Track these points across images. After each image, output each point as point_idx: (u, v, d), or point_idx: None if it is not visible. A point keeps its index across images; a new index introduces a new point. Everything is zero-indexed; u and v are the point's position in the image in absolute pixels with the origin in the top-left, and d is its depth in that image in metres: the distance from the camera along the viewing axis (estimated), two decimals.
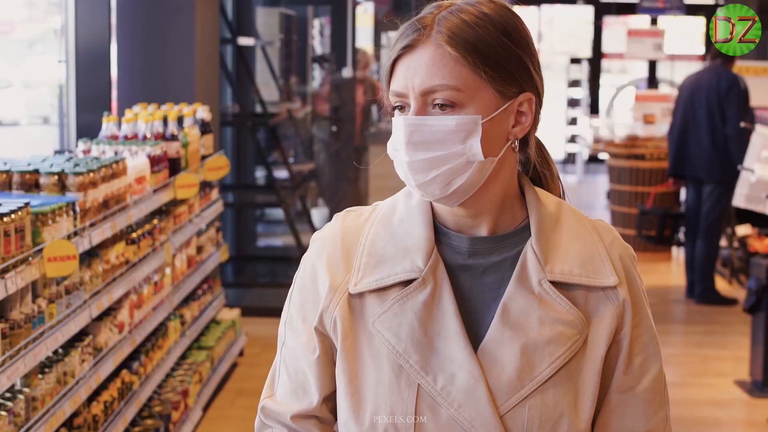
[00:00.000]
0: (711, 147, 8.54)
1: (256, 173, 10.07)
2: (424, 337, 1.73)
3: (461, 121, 1.69)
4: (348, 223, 1.84)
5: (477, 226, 1.78)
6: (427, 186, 1.72)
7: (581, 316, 1.75)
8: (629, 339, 1.77)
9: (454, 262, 1.78)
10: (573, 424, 1.73)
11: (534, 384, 1.72)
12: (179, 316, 5.66)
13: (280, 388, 1.84)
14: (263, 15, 10.51)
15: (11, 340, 3.43)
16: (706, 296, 8.74)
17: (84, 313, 4.09)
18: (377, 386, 1.74)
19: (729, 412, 6.25)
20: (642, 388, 1.79)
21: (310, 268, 1.83)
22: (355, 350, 1.76)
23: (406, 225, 1.80)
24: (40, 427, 3.63)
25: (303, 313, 1.82)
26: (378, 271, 1.77)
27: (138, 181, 4.82)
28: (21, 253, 3.47)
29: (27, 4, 8.56)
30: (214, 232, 6.56)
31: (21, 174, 4.08)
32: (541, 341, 1.73)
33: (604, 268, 1.77)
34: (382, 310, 1.75)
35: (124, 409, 4.61)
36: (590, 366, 1.75)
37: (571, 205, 1.86)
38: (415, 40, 1.72)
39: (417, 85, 1.71)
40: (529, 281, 1.75)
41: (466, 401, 1.71)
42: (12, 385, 3.61)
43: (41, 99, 9.59)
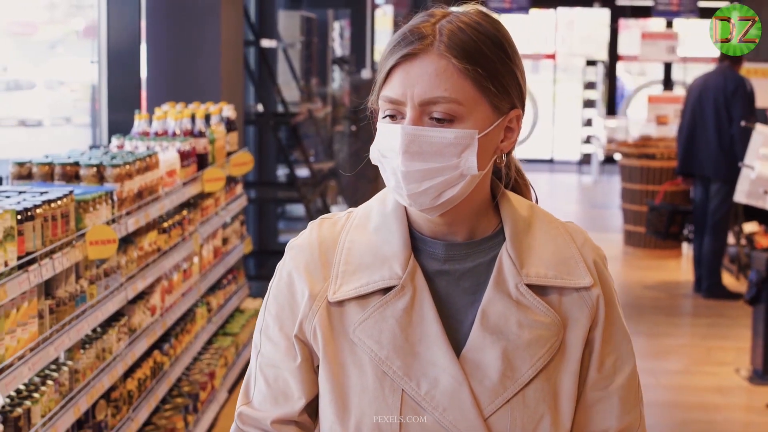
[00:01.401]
0: (717, 146, 8.82)
1: (278, 171, 10.38)
2: (405, 343, 1.75)
3: (459, 135, 1.70)
4: (324, 231, 1.85)
5: (453, 232, 1.80)
6: (418, 197, 1.73)
7: (558, 317, 1.77)
8: (601, 338, 1.80)
9: (430, 267, 1.79)
10: (554, 424, 1.76)
11: (516, 386, 1.74)
12: (206, 303, 5.98)
13: (257, 395, 1.85)
14: (285, 18, 10.81)
15: (57, 315, 3.76)
16: (713, 291, 9.02)
17: (120, 295, 4.41)
18: (361, 393, 1.76)
19: (729, 398, 6.53)
20: (616, 386, 1.82)
21: (286, 276, 1.84)
22: (338, 358, 1.78)
23: (382, 232, 1.81)
24: (82, 397, 3.95)
25: (280, 321, 1.83)
26: (356, 279, 1.78)
27: (169, 174, 5.14)
28: (66, 237, 3.79)
29: (48, 6, 8.73)
30: (238, 225, 6.88)
31: (62, 166, 4.39)
32: (521, 344, 1.75)
33: (578, 269, 1.80)
34: (363, 318, 1.76)
35: (155, 386, 4.92)
36: (568, 366, 1.78)
37: (542, 208, 1.88)
38: (417, 49, 1.71)
39: (417, 94, 1.70)
40: (506, 286, 1.77)
41: (450, 405, 1.73)
42: (57, 358, 3.93)
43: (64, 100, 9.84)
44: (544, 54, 20.71)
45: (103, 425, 4.25)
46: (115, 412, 4.40)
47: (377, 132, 1.76)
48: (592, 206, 14.79)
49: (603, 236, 11.51)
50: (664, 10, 15.88)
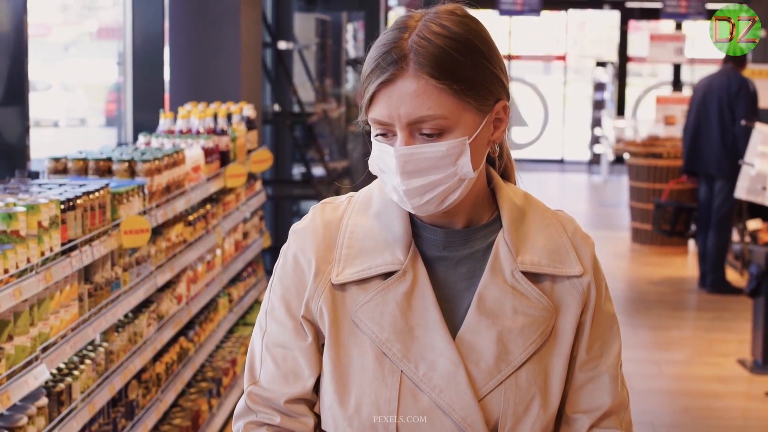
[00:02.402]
0: (721, 145, 9.08)
1: (293, 170, 10.65)
2: (405, 326, 1.81)
3: (451, 146, 1.75)
4: (327, 215, 1.90)
5: (452, 221, 1.86)
6: (422, 207, 1.79)
7: (550, 304, 1.84)
8: (591, 321, 1.88)
9: (429, 253, 1.86)
10: (544, 405, 1.82)
11: (510, 369, 1.81)
12: (227, 294, 6.26)
13: (265, 374, 1.88)
14: (300, 20, 11.07)
15: (95, 299, 4.04)
16: (717, 286, 9.29)
17: (150, 283, 4.68)
18: (361, 373, 1.81)
19: (730, 386, 6.79)
20: (606, 366, 1.89)
21: (291, 259, 1.89)
22: (340, 338, 1.83)
23: (383, 218, 1.86)
24: (116, 376, 4.23)
25: (286, 302, 1.88)
26: (359, 263, 1.84)
27: (194, 170, 5.42)
28: (102, 226, 4.07)
29: (61, 8, 8.88)
30: (257, 220, 7.16)
31: (96, 161, 4.67)
32: (515, 328, 1.81)
33: (569, 257, 1.87)
34: (365, 301, 1.82)
35: (182, 371, 5.20)
36: (559, 351, 1.85)
37: (535, 198, 1.94)
38: (393, 74, 1.74)
39: (403, 115, 1.74)
40: (502, 272, 1.83)
41: (447, 386, 1.79)
42: (93, 340, 4.22)
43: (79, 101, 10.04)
44: (554, 55, 20.96)
45: (134, 404, 4.53)
46: (146, 393, 4.68)
47: (373, 146, 1.81)
48: (602, 205, 15.03)
49: (611, 234, 11.77)
50: (672, 12, 16.09)
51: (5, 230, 3.28)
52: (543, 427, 1.83)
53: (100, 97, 9.59)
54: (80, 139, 8.74)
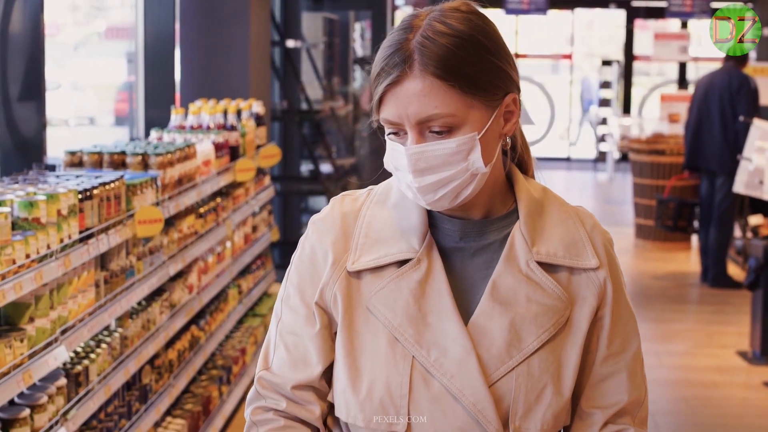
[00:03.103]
0: (723, 141, 9.23)
1: (301, 167, 10.81)
2: (418, 313, 1.83)
3: (461, 142, 1.77)
4: (345, 207, 1.93)
5: (469, 213, 1.89)
6: (437, 203, 1.82)
7: (565, 295, 1.85)
8: (610, 317, 1.89)
9: (446, 244, 1.88)
10: (555, 394, 1.84)
11: (521, 356, 1.82)
12: (237, 285, 6.43)
13: (277, 360, 1.91)
14: (308, 19, 11.22)
15: (110, 286, 4.21)
16: (719, 280, 9.43)
17: (163, 272, 4.85)
18: (374, 358, 1.84)
19: (728, 377, 6.94)
20: (625, 362, 1.91)
21: (309, 249, 1.92)
22: (353, 324, 1.86)
23: (401, 209, 1.89)
24: (131, 361, 4.40)
25: (301, 291, 1.91)
26: (375, 251, 1.87)
27: (205, 164, 5.59)
28: (117, 216, 4.24)
29: (70, 8, 8.97)
30: (266, 214, 7.33)
31: (110, 154, 4.84)
32: (528, 317, 1.83)
33: (586, 251, 1.88)
34: (379, 287, 1.85)
35: (193, 358, 5.37)
36: (573, 342, 1.86)
37: (554, 192, 1.96)
38: (399, 76, 1.77)
39: (411, 115, 1.77)
40: (517, 261, 1.85)
41: (458, 372, 1.80)
42: (108, 325, 4.39)
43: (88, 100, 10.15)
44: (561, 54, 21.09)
45: (148, 388, 4.69)
46: (158, 378, 4.84)
47: (387, 146, 1.84)
48: (607, 202, 15.17)
49: (616, 230, 11.91)
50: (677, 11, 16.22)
51: (27, 218, 3.45)
52: (555, 416, 1.84)
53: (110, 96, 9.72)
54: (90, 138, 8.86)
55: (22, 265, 3.35)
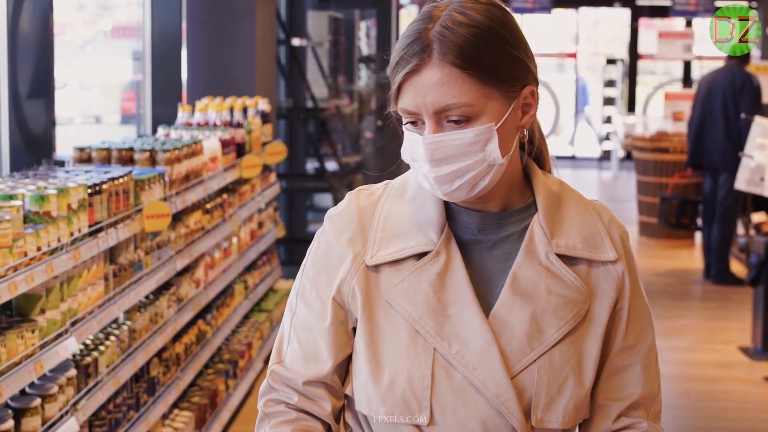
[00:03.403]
0: (726, 139, 9.29)
1: (307, 164, 10.88)
2: (438, 305, 1.83)
3: (478, 132, 1.77)
4: (362, 201, 1.93)
5: (487, 205, 1.89)
6: (453, 193, 1.82)
7: (585, 287, 1.86)
8: (627, 310, 1.90)
9: (464, 236, 1.89)
10: (576, 386, 1.84)
11: (543, 348, 1.83)
12: (243, 281, 6.50)
13: (290, 355, 1.92)
14: (313, 18, 11.29)
15: (119, 279, 4.28)
16: (721, 277, 9.50)
17: (170, 266, 4.92)
18: (395, 351, 1.84)
19: (729, 371, 7.01)
20: (640, 355, 1.91)
21: (325, 243, 1.93)
22: (373, 318, 1.86)
23: (418, 202, 1.90)
24: (139, 353, 4.47)
25: (317, 285, 1.91)
26: (393, 245, 1.87)
27: (212, 161, 5.66)
28: (126, 210, 4.32)
29: (77, 7, 9.06)
30: (272, 210, 7.41)
31: (119, 151, 4.92)
32: (548, 308, 1.84)
33: (604, 244, 1.89)
34: (398, 281, 1.85)
35: (200, 352, 5.44)
36: (593, 334, 1.87)
37: (570, 186, 1.97)
38: (418, 65, 1.77)
39: (429, 104, 1.77)
40: (537, 253, 1.86)
41: (480, 364, 1.81)
42: (117, 318, 4.46)
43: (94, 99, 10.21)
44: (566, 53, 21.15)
45: (156, 381, 4.77)
46: (166, 371, 4.92)
47: (404, 135, 1.85)
48: (611, 200, 15.23)
49: None
50: (682, 10, 16.27)
51: (38, 211, 3.53)
52: (576, 408, 1.85)
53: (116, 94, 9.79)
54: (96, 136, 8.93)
55: (33, 258, 3.43)
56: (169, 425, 4.95)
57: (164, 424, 4.94)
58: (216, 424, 5.48)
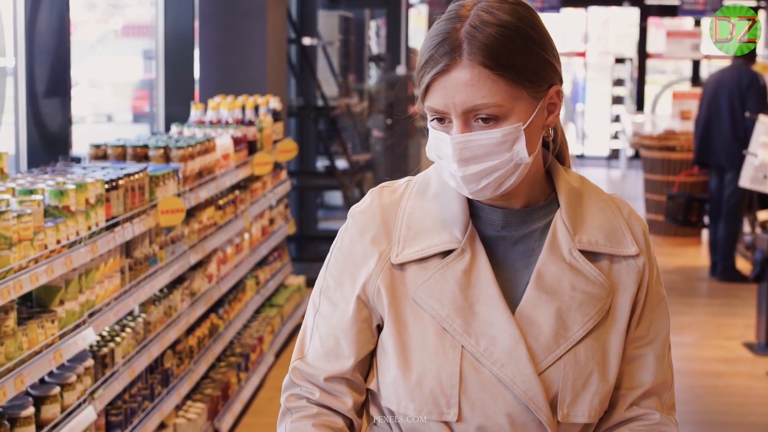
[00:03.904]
0: (732, 137, 9.39)
1: (317, 163, 10.99)
2: (465, 303, 1.85)
3: (506, 132, 1.78)
4: (384, 199, 1.94)
5: (510, 202, 1.90)
6: (479, 192, 1.83)
7: (608, 282, 1.88)
8: (644, 301, 1.92)
9: (488, 233, 1.90)
10: (602, 381, 1.87)
11: (568, 344, 1.85)
12: (254, 276, 6.62)
13: (312, 351, 1.94)
14: (324, 17, 11.39)
15: (134, 273, 4.40)
16: (727, 274, 9.60)
17: (184, 261, 5.04)
18: (423, 349, 1.85)
19: (733, 367, 7.10)
20: (652, 345, 1.93)
21: (348, 241, 1.94)
22: (400, 316, 1.88)
23: (441, 199, 1.91)
24: (154, 345, 4.59)
25: (341, 283, 1.93)
26: (417, 243, 1.88)
27: (224, 158, 5.78)
28: (142, 206, 4.43)
29: (88, 6, 9.09)
30: (283, 207, 7.52)
31: (133, 148, 5.04)
32: (573, 305, 1.86)
33: (626, 238, 1.90)
34: (424, 279, 1.87)
35: (212, 345, 5.56)
36: (616, 328, 1.89)
37: (590, 181, 1.98)
38: (448, 65, 1.78)
39: (458, 103, 1.78)
40: (560, 250, 1.87)
41: (508, 361, 1.82)
42: (132, 310, 4.58)
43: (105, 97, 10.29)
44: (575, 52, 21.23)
45: (169, 372, 4.89)
46: (179, 363, 5.04)
47: (430, 134, 1.85)
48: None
49: None
50: (690, 9, 16.34)
51: (57, 206, 3.64)
52: (601, 402, 1.87)
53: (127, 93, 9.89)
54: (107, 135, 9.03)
55: (53, 251, 3.54)
56: (183, 416, 5.07)
57: (178, 415, 5.05)
58: (228, 415, 5.60)
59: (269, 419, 5.91)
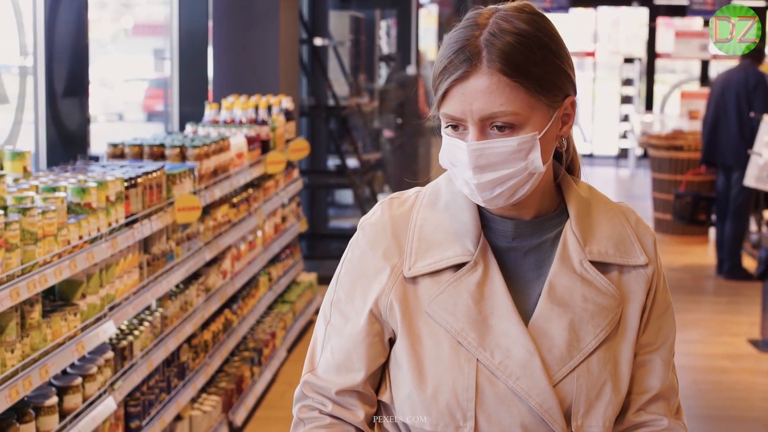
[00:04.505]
0: (739, 137, 9.49)
1: (328, 162, 11.11)
2: (479, 316, 1.85)
3: (522, 141, 1.79)
4: (395, 210, 1.94)
5: (520, 213, 1.90)
6: (492, 200, 1.83)
7: (618, 292, 1.89)
8: (651, 308, 1.93)
9: (499, 244, 1.90)
10: (614, 391, 1.87)
11: (581, 355, 1.85)
12: (267, 273, 6.74)
13: (323, 364, 1.94)
14: (335, 17, 11.49)
15: (152, 268, 4.53)
16: (733, 272, 9.70)
17: (199, 257, 5.17)
18: (437, 362, 1.85)
19: (738, 363, 7.21)
20: (659, 351, 1.95)
21: (359, 253, 1.93)
22: (414, 330, 1.87)
23: (452, 210, 1.90)
24: (170, 339, 4.72)
25: (352, 296, 1.92)
26: (430, 256, 1.88)
27: (238, 156, 5.91)
28: (159, 203, 4.56)
29: (98, 5, 9.16)
30: (295, 205, 7.65)
31: (150, 147, 5.16)
32: (585, 316, 1.86)
33: (634, 248, 1.91)
34: (437, 292, 1.86)
35: (227, 340, 5.68)
36: (626, 338, 1.90)
37: (597, 190, 1.99)
38: (467, 72, 1.78)
39: (475, 111, 1.78)
40: (571, 261, 1.88)
41: (523, 374, 1.83)
42: (150, 305, 4.71)
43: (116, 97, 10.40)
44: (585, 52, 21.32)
45: (185, 366, 5.01)
46: (195, 357, 5.16)
47: (444, 140, 1.85)
48: (628, 197, 15.42)
49: None
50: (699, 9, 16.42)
51: (79, 202, 3.77)
52: (614, 411, 1.88)
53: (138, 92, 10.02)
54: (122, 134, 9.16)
55: (75, 246, 3.67)
56: (198, 408, 5.20)
57: (193, 407, 5.18)
58: (242, 408, 5.72)
59: (282, 413, 6.05)
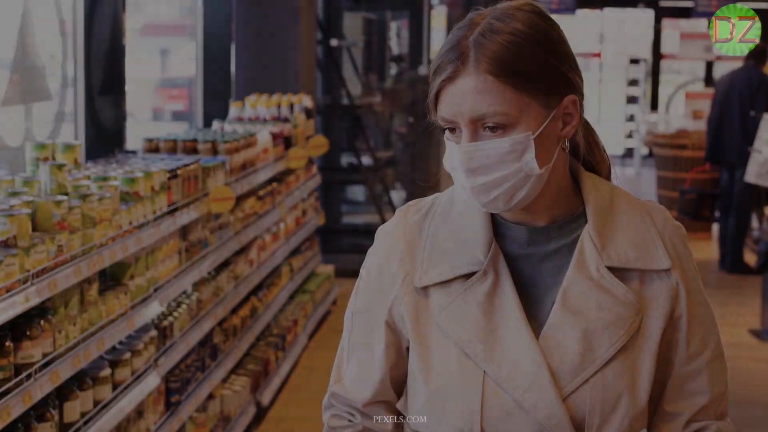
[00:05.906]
0: (742, 136, 9.80)
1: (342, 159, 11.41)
2: (487, 327, 1.80)
3: (514, 141, 1.74)
4: (410, 219, 1.91)
5: (534, 218, 1.84)
6: (491, 203, 1.78)
7: (637, 299, 1.80)
8: (687, 318, 1.83)
9: (513, 251, 1.84)
10: (631, 403, 1.78)
11: (595, 366, 1.77)
12: (289, 263, 7.07)
13: (349, 374, 1.93)
14: (348, 19, 11.79)
15: (189, 254, 4.86)
16: (736, 266, 10.02)
17: (230, 245, 5.49)
18: (446, 374, 1.81)
19: (737, 351, 7.52)
20: (706, 361, 1.85)
21: (377, 264, 1.92)
22: (425, 341, 1.84)
23: (465, 218, 1.86)
24: (205, 321, 5.04)
25: (370, 306, 1.91)
26: (440, 265, 1.84)
27: (264, 152, 6.23)
28: (195, 194, 4.89)
29: None
30: (313, 200, 7.98)
31: (184, 141, 5.48)
32: (600, 325, 1.78)
33: (658, 251, 1.82)
34: (447, 303, 1.82)
35: (253, 325, 6.01)
36: (647, 347, 1.80)
37: (623, 189, 1.91)
38: (455, 72, 1.75)
39: (465, 112, 1.74)
40: (587, 267, 1.80)
41: (530, 386, 1.76)
42: (185, 290, 5.04)
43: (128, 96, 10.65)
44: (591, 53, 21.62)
45: (217, 347, 5.34)
46: (225, 339, 5.49)
47: (446, 144, 1.82)
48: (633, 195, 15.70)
49: None
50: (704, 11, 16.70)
51: (128, 191, 4.10)
52: (631, 424, 1.80)
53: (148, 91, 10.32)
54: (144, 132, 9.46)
55: (126, 231, 4.00)
56: (229, 388, 5.52)
57: (224, 387, 5.51)
58: (268, 390, 6.05)
59: (304, 395, 6.38)
